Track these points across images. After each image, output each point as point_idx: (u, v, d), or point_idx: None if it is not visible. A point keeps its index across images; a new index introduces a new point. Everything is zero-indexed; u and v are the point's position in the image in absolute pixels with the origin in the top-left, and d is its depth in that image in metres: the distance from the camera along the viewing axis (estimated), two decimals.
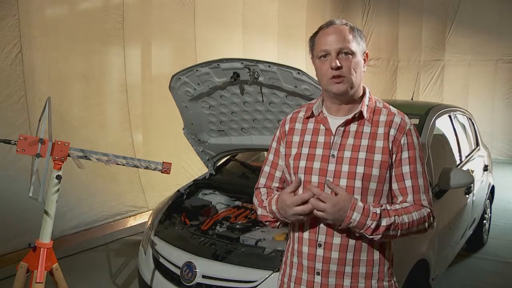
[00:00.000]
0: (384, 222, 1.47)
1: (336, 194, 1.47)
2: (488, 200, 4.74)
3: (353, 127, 1.58)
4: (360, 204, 1.47)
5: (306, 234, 1.58)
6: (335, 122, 1.60)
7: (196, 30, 6.13)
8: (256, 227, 2.81)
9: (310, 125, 1.65)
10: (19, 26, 4.10)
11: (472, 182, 3.25)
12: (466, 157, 4.03)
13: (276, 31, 8.05)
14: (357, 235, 1.51)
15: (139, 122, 5.51)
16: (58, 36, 4.51)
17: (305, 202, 1.48)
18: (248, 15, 7.24)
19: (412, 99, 5.22)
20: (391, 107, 1.64)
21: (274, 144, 1.76)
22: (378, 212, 1.47)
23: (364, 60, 1.60)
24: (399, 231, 1.50)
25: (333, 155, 1.55)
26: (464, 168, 3.77)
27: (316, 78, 1.67)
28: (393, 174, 1.57)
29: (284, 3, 8.15)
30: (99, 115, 5.03)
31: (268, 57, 6.62)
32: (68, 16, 4.65)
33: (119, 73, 5.21)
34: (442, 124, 3.69)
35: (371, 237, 1.48)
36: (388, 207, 1.52)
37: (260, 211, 1.70)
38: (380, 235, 1.48)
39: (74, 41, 4.65)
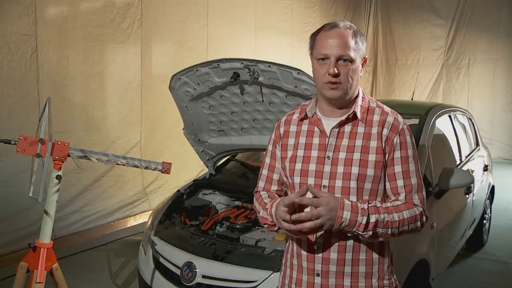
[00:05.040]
0: (373, 218, 1.47)
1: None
2: (488, 200, 4.74)
3: (347, 128, 1.58)
4: (347, 201, 1.47)
5: (304, 236, 1.58)
6: (329, 123, 1.60)
7: (209, 29, 6.11)
8: (256, 227, 2.81)
9: (305, 127, 1.65)
10: (36, 24, 4.06)
11: (472, 182, 3.25)
12: (466, 157, 4.03)
13: (289, 30, 8.01)
14: (349, 235, 1.51)
15: (153, 122, 5.46)
16: (74, 35, 4.46)
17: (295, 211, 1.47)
18: (261, 14, 7.21)
19: (412, 99, 5.22)
20: (385, 107, 1.64)
21: (270, 147, 1.76)
22: (366, 207, 1.48)
23: (362, 64, 1.59)
24: (389, 229, 1.50)
25: (328, 157, 1.56)
26: (464, 168, 3.77)
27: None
28: (386, 173, 1.57)
29: (297, 2, 8.14)
30: (113, 115, 5.00)
31: (281, 57, 6.54)
32: (84, 15, 4.59)
33: (135, 72, 5.17)
34: (442, 124, 3.68)
35: (362, 234, 1.47)
36: (378, 204, 1.52)
37: (261, 213, 1.70)
38: (371, 232, 1.47)
39: (89, 40, 4.60)
